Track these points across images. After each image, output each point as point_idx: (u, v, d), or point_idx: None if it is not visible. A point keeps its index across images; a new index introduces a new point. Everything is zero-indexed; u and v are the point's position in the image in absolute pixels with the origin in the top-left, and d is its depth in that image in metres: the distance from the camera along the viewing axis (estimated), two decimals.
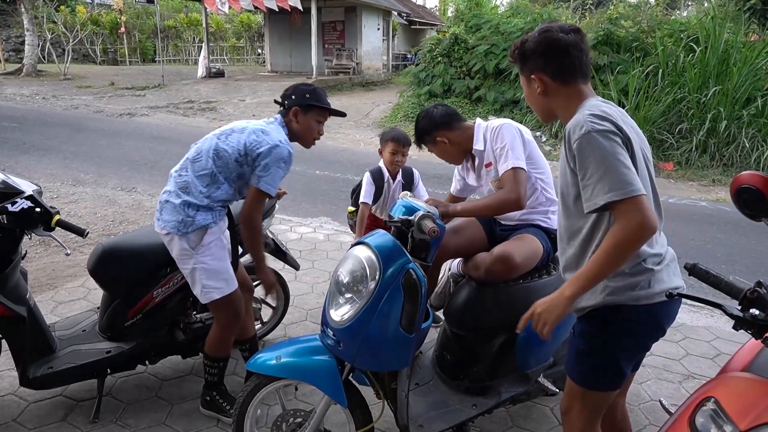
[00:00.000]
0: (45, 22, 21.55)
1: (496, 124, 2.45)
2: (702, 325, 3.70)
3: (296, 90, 2.44)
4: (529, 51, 1.65)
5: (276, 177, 2.29)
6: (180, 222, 2.31)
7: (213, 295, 2.39)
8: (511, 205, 2.32)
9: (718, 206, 6.87)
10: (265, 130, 2.34)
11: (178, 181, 2.37)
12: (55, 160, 7.84)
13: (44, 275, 4.14)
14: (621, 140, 1.47)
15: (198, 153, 2.38)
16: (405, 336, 1.89)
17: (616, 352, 1.63)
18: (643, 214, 1.40)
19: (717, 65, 9.24)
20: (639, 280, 1.57)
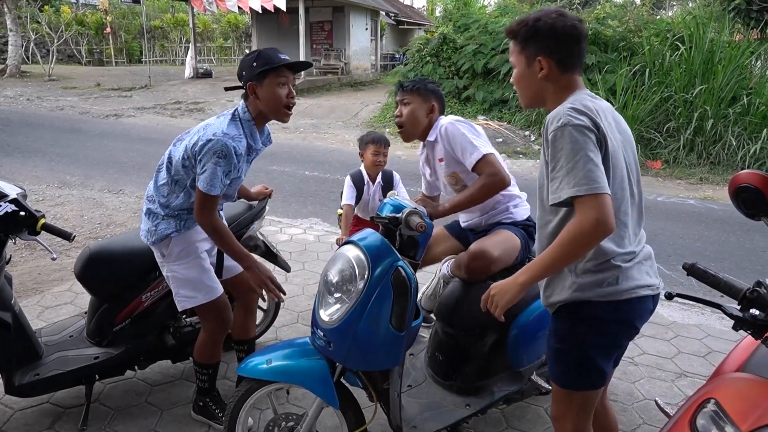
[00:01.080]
0: (29, 22, 21.28)
1: (445, 125, 2.48)
2: (693, 323, 3.72)
3: (242, 64, 2.21)
4: (541, 32, 1.59)
5: (213, 174, 2.07)
6: (147, 231, 2.31)
7: (185, 304, 2.37)
8: (497, 185, 2.33)
9: (706, 204, 6.92)
10: (207, 125, 2.18)
11: (147, 190, 2.38)
12: (41, 163, 7.73)
13: (30, 279, 4.06)
14: (595, 137, 1.46)
15: (160, 163, 2.33)
16: (395, 334, 1.87)
17: (589, 350, 1.62)
18: (601, 212, 1.39)
19: (702, 64, 9.32)
20: (606, 277, 1.55)
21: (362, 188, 3.42)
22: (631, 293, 1.56)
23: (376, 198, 3.44)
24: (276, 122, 2.32)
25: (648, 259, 1.65)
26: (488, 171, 2.31)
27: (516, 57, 1.68)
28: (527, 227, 2.50)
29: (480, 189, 2.33)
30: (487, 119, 11.29)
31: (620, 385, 2.98)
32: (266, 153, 2.61)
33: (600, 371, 1.65)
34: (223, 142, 2.07)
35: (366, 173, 3.43)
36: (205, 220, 2.16)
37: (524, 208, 2.53)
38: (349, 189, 3.40)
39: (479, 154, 2.33)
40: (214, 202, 2.14)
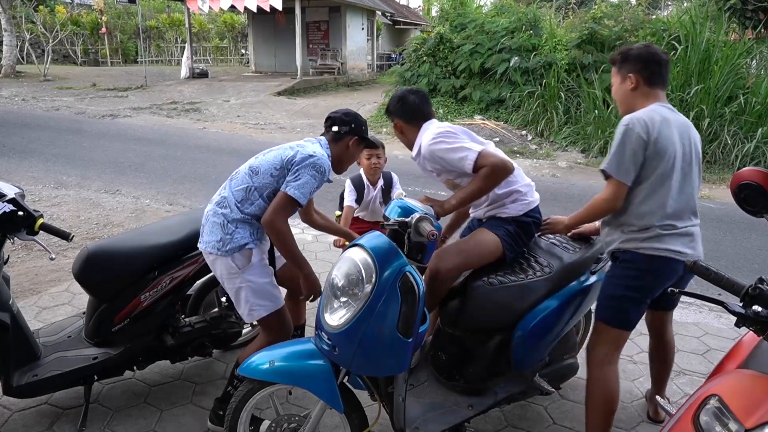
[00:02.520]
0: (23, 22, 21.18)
1: (424, 150, 2.40)
2: (691, 321, 3.73)
3: (356, 120, 2.41)
4: (632, 56, 2.24)
5: (306, 184, 2.17)
6: (219, 241, 2.26)
7: (260, 313, 2.34)
8: (499, 172, 2.28)
9: (703, 203, 6.94)
10: (302, 145, 2.31)
11: (217, 199, 2.35)
12: (37, 163, 7.69)
13: (27, 280, 4.04)
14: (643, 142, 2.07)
15: (236, 172, 2.37)
16: (402, 340, 1.85)
17: (625, 292, 2.17)
18: (612, 193, 2.15)
19: (699, 64, 9.35)
20: (646, 236, 2.13)
21: (362, 192, 3.43)
22: (662, 252, 2.11)
23: (377, 202, 3.45)
24: (271, 120, 2.44)
25: (689, 236, 2.18)
26: (489, 162, 2.26)
27: (615, 76, 2.34)
28: (521, 223, 2.45)
29: (486, 179, 2.27)
30: (484, 119, 11.30)
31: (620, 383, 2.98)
32: None
33: (627, 316, 2.21)
34: (323, 160, 2.24)
35: (366, 178, 3.43)
36: (279, 223, 2.16)
37: (522, 203, 2.47)
38: (350, 192, 3.41)
39: (473, 157, 2.27)
40: (293, 208, 2.21)
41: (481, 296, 2.27)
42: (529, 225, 2.47)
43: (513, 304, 2.28)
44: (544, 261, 2.43)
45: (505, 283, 2.28)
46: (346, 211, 3.39)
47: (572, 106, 10.44)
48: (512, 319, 2.29)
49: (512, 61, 11.21)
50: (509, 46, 11.49)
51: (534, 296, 2.30)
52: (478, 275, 2.33)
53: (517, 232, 2.43)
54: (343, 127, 2.37)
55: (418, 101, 2.52)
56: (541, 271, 2.36)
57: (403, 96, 2.54)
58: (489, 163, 2.26)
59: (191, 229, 2.57)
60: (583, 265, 2.48)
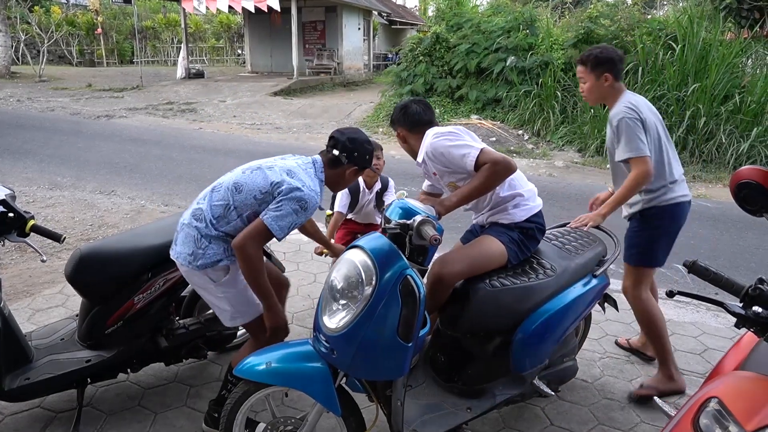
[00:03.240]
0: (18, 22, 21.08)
1: (428, 148, 2.40)
2: (688, 321, 3.72)
3: (361, 148, 2.24)
4: (605, 58, 2.75)
5: (286, 217, 2.06)
6: (191, 254, 2.19)
7: (242, 320, 2.31)
8: (501, 169, 2.24)
9: (699, 202, 6.93)
10: (293, 172, 2.15)
11: (194, 209, 2.26)
12: (31, 164, 7.65)
13: (20, 282, 4.01)
14: (641, 122, 2.64)
15: (219, 184, 2.24)
16: (402, 345, 1.83)
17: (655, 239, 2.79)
18: (646, 168, 2.61)
19: (695, 63, 9.36)
20: (660, 193, 2.74)
21: (358, 195, 3.40)
22: (677, 199, 2.75)
23: (371, 205, 3.43)
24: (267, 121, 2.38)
25: (684, 181, 2.82)
26: (491, 158, 2.24)
27: (587, 75, 2.81)
28: (524, 229, 2.42)
29: (487, 177, 2.24)
30: (481, 118, 11.28)
31: (617, 384, 2.97)
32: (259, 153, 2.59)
33: (655, 255, 2.82)
34: (310, 196, 2.10)
35: (363, 181, 3.40)
36: (249, 248, 2.05)
37: (525, 209, 2.44)
38: (343, 197, 3.35)
39: (475, 154, 2.26)
40: (266, 239, 2.11)
41: (482, 298, 2.24)
42: (532, 231, 2.44)
43: (514, 306, 2.25)
44: (546, 263, 2.42)
45: (506, 285, 2.26)
46: (336, 217, 3.35)
47: (569, 106, 10.44)
48: (513, 322, 2.27)
49: (508, 61, 11.19)
50: (505, 46, 11.48)
51: (535, 299, 2.28)
52: (479, 277, 2.30)
53: (521, 239, 2.41)
54: (344, 155, 2.21)
55: (420, 110, 2.54)
56: (543, 274, 2.34)
57: (406, 105, 2.57)
58: (490, 160, 2.24)
59: None
60: (585, 268, 2.46)
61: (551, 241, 2.59)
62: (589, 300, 2.47)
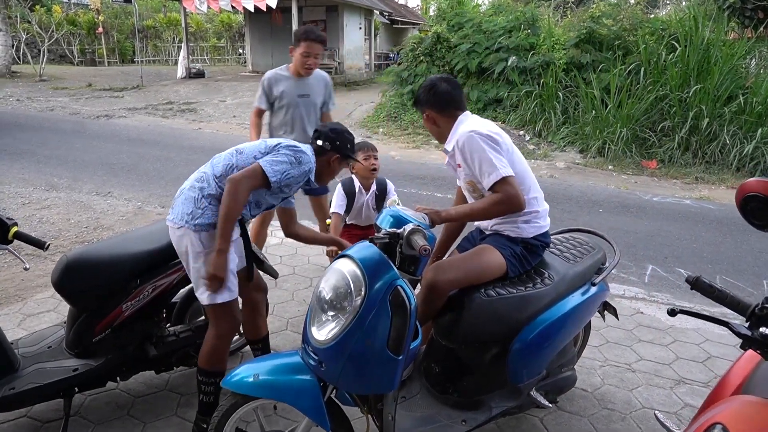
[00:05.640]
0: (19, 21, 21.05)
1: (463, 137, 2.26)
2: (691, 328, 3.64)
3: (341, 136, 2.40)
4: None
5: (281, 163, 2.19)
6: (189, 213, 2.22)
7: (216, 299, 2.25)
8: (511, 208, 2.18)
9: (702, 204, 6.86)
10: (290, 141, 2.36)
11: (196, 176, 2.34)
12: (28, 165, 7.59)
13: (12, 286, 3.95)
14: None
15: (218, 154, 2.39)
16: (392, 358, 1.76)
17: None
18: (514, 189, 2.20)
19: (698, 63, 9.27)
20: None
21: (353, 197, 3.34)
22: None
23: (370, 207, 3.36)
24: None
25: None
26: (506, 191, 2.15)
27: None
28: (529, 245, 2.34)
29: (493, 206, 2.18)
30: None
31: (618, 393, 2.91)
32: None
33: None
34: (305, 154, 2.29)
35: (359, 182, 3.34)
36: (240, 185, 2.12)
37: (534, 225, 2.34)
38: (338, 197, 3.31)
39: (497, 177, 2.14)
40: (259, 182, 2.18)
41: (478, 308, 2.17)
42: (536, 248, 2.36)
43: (510, 316, 2.19)
44: (543, 271, 2.35)
45: (502, 294, 2.19)
46: (334, 219, 3.30)
47: (570, 106, 10.36)
48: (509, 332, 2.20)
49: (510, 61, 11.11)
50: (507, 46, 11.40)
51: (533, 308, 2.21)
52: (475, 286, 2.23)
53: (524, 254, 2.33)
54: (327, 144, 2.37)
55: (450, 88, 2.38)
56: (541, 282, 2.28)
57: (434, 84, 2.40)
58: (506, 193, 2.15)
59: None
60: (584, 276, 2.40)
61: (549, 249, 2.52)
62: (588, 309, 2.41)
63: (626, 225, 5.86)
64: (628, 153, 9.06)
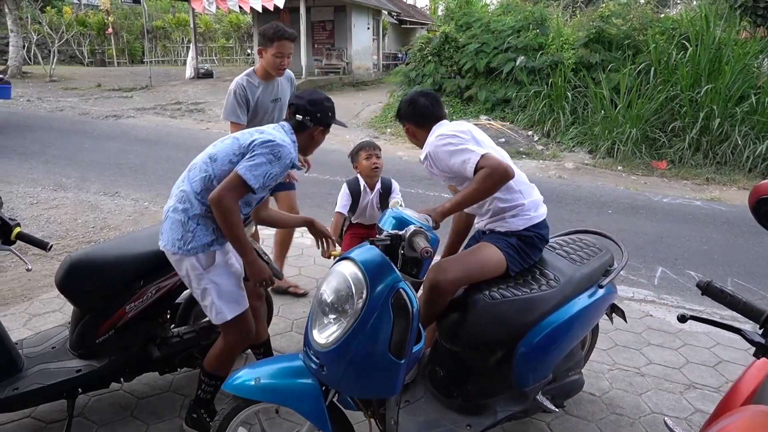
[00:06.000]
0: (30, 23, 21.21)
1: (430, 146, 2.34)
2: (702, 331, 3.59)
3: (321, 107, 2.27)
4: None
5: (260, 166, 2.06)
6: (180, 239, 2.16)
7: (226, 316, 2.24)
8: (497, 176, 2.15)
9: (713, 205, 6.78)
10: (262, 130, 2.21)
11: (176, 195, 2.24)
12: (37, 165, 7.64)
13: (19, 285, 3.96)
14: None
15: (193, 164, 2.25)
16: (394, 362, 1.73)
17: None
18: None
19: (709, 63, 9.17)
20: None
21: (359, 196, 3.32)
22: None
23: (374, 206, 3.34)
24: None
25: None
26: (487, 164, 2.15)
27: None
28: (522, 237, 2.32)
29: (480, 182, 2.15)
30: (490, 119, 11.15)
31: (626, 398, 2.86)
32: None
33: None
34: (282, 146, 2.13)
35: (363, 181, 3.32)
36: (226, 200, 2.04)
37: (524, 218, 2.35)
38: (343, 197, 3.31)
39: (475, 159, 2.16)
40: (243, 191, 2.08)
41: (482, 310, 2.13)
42: (531, 239, 2.33)
43: (515, 319, 2.15)
44: (549, 273, 2.31)
45: (507, 297, 2.16)
46: (336, 219, 3.28)
47: (579, 106, 10.28)
48: (514, 335, 2.17)
49: (518, 61, 11.05)
50: (515, 45, 11.33)
51: (538, 311, 2.17)
52: (479, 288, 2.20)
53: (520, 246, 2.31)
54: (307, 118, 2.25)
55: (429, 104, 2.46)
56: (546, 285, 2.24)
57: (413, 99, 2.47)
58: (488, 165, 2.15)
59: None
60: (591, 278, 2.36)
61: (555, 250, 2.48)
62: (595, 312, 2.37)
63: (635, 226, 5.80)
64: (638, 153, 8.97)
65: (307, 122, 2.25)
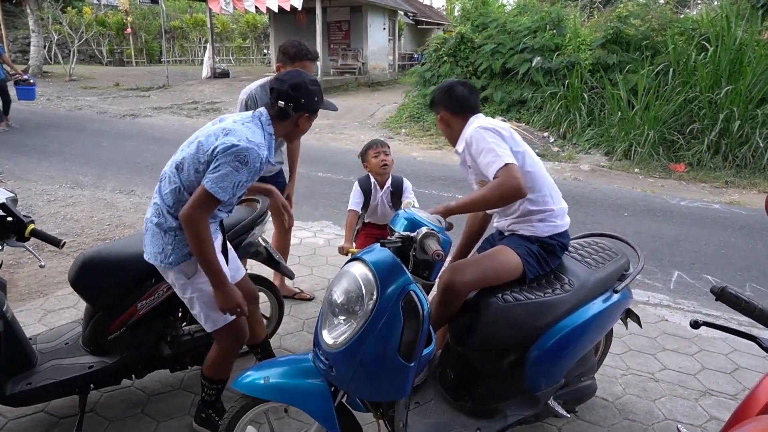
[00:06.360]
0: (51, 23, 21.54)
1: (470, 133, 2.26)
2: (718, 337, 3.52)
3: (305, 91, 2.09)
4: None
5: (226, 176, 1.93)
6: (161, 252, 2.13)
7: (215, 324, 2.24)
8: (511, 192, 2.08)
9: (732, 209, 6.66)
10: (228, 130, 2.02)
11: (152, 207, 2.19)
12: (55, 162, 7.74)
13: (35, 281, 4.01)
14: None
15: (164, 173, 2.15)
16: (404, 364, 1.71)
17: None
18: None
19: (730, 64, 9.02)
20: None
21: (370, 194, 3.31)
22: None
23: (385, 204, 3.32)
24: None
25: None
26: (505, 176, 2.09)
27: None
28: (545, 244, 2.28)
29: (491, 190, 2.10)
30: (505, 120, 11.09)
31: (639, 404, 2.81)
32: None
33: None
34: (247, 148, 1.95)
35: (374, 179, 3.31)
36: (194, 220, 1.96)
37: (550, 224, 2.30)
38: (355, 195, 3.30)
39: (500, 163, 2.10)
40: (213, 205, 2.00)
41: (494, 314, 2.10)
42: (553, 248, 2.30)
43: (528, 322, 2.12)
44: (563, 277, 2.28)
45: (520, 300, 2.13)
46: (350, 217, 3.26)
47: (596, 108, 10.17)
48: (527, 339, 2.14)
49: (534, 61, 10.97)
50: (531, 46, 11.25)
51: (551, 315, 2.14)
52: (491, 290, 2.17)
53: (541, 254, 2.27)
54: (290, 105, 2.07)
55: (466, 92, 2.40)
56: (561, 289, 2.21)
57: (451, 87, 2.42)
58: (505, 177, 2.08)
59: None
60: (605, 283, 2.32)
61: (570, 254, 2.44)
62: (609, 317, 2.33)
63: (652, 229, 5.71)
64: (655, 156, 8.85)
65: (290, 109, 2.08)
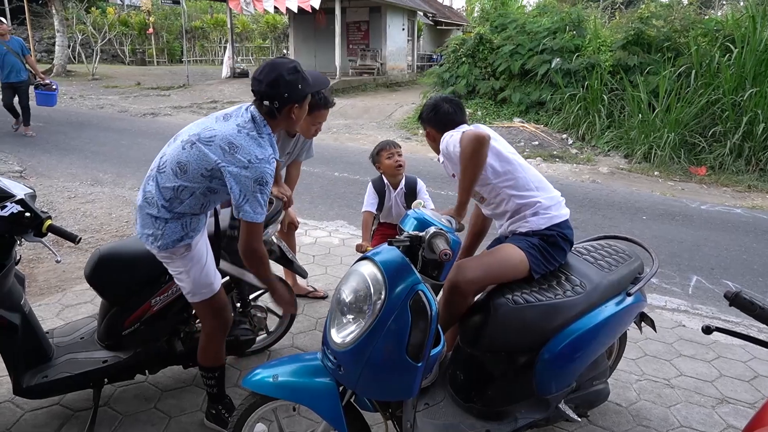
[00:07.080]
0: (75, 23, 21.93)
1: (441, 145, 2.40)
2: (737, 344, 3.45)
3: (284, 85, 2.02)
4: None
5: (257, 202, 2.00)
6: (151, 235, 2.17)
7: (198, 298, 2.29)
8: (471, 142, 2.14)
9: (755, 214, 6.53)
10: (234, 145, 2.00)
11: (145, 191, 2.20)
12: (77, 160, 7.87)
13: (54, 276, 4.08)
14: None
15: (163, 163, 2.14)
16: (411, 364, 1.71)
17: None
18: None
19: (755, 66, 8.84)
20: None
21: (384, 194, 3.32)
22: None
23: (399, 204, 3.33)
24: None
25: None
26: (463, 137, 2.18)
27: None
28: (544, 236, 2.28)
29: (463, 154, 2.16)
30: (524, 122, 11.01)
31: (654, 410, 2.77)
32: None
33: None
34: (261, 169, 1.99)
35: (387, 180, 3.31)
36: (255, 250, 2.10)
37: (545, 216, 2.31)
38: (370, 195, 3.32)
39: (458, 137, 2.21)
40: (260, 229, 2.09)
41: (504, 315, 2.09)
42: (554, 238, 2.28)
43: (539, 325, 2.10)
44: (575, 279, 2.25)
45: (531, 302, 2.11)
46: (365, 217, 3.27)
47: (615, 110, 10.05)
48: (537, 341, 2.12)
49: (554, 63, 10.88)
50: (551, 47, 11.17)
51: (563, 317, 2.12)
52: (502, 292, 2.16)
53: (543, 246, 2.25)
54: (275, 103, 2.04)
55: (451, 110, 2.47)
56: (572, 291, 2.18)
57: (437, 104, 2.49)
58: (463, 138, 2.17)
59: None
60: (618, 285, 2.29)
61: (582, 256, 2.42)
62: (622, 320, 2.30)
63: (671, 233, 5.63)
64: (676, 159, 8.72)
65: (275, 107, 2.05)
